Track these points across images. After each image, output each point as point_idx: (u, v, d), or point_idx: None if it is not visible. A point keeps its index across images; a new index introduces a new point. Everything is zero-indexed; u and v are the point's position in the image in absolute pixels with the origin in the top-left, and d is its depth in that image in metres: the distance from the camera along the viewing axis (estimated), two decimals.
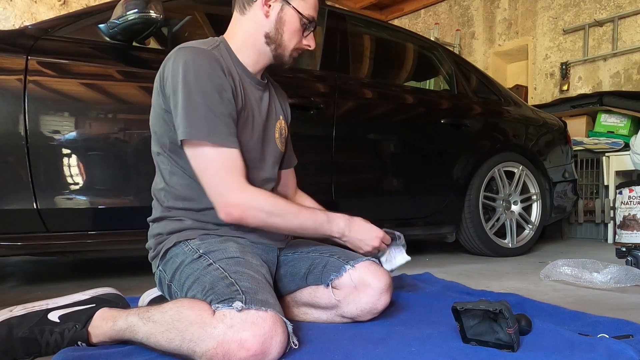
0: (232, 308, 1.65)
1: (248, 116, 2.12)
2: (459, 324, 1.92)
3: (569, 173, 5.62)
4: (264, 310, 1.67)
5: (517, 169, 5.03)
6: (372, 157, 4.15)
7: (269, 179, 2.27)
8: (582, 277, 3.36)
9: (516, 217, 5.03)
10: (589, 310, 2.54)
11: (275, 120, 2.31)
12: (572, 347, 1.84)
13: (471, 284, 3.28)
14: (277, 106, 2.36)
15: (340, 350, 1.84)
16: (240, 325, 1.61)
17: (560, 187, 5.48)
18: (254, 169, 2.15)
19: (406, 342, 1.93)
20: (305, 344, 1.91)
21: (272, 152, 2.27)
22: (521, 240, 5.07)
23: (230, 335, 1.60)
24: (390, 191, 4.25)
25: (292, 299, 2.30)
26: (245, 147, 2.08)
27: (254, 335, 1.60)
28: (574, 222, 6.79)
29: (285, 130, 2.39)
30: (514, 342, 1.81)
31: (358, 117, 4.04)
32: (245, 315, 1.64)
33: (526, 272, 3.92)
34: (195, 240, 2.05)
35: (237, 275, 1.83)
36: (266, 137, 2.23)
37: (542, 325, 2.08)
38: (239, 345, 1.59)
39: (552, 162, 5.39)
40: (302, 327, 2.14)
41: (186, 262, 1.99)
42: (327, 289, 2.19)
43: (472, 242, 4.79)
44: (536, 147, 5.23)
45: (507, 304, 1.83)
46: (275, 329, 1.65)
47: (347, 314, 2.19)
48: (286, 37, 2.16)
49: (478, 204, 4.70)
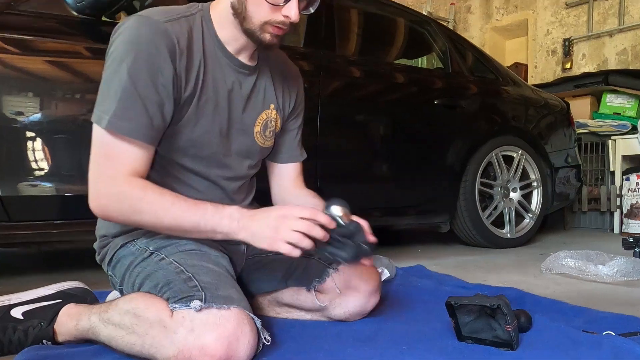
0: (190, 308, 1.61)
1: (205, 105, 1.94)
2: (454, 320, 1.91)
3: (572, 158, 5.64)
4: (227, 308, 1.62)
5: (516, 153, 5.03)
6: (360, 141, 4.15)
7: (236, 177, 2.12)
8: (587, 269, 3.37)
9: (515, 205, 5.03)
10: (594, 305, 2.55)
11: (261, 110, 2.12)
12: (576, 345, 1.84)
13: (467, 277, 3.28)
14: (269, 94, 2.14)
15: (324, 349, 1.83)
16: (201, 329, 1.57)
17: (562, 173, 5.49)
18: (211, 167, 2.02)
19: (397, 340, 1.93)
20: (285, 342, 1.90)
21: (243, 147, 2.10)
22: (521, 230, 5.08)
23: (191, 341, 1.56)
24: (379, 177, 4.25)
25: (273, 299, 2.26)
26: (197, 142, 1.94)
27: (217, 338, 1.56)
28: (577, 211, 6.81)
29: (275, 122, 2.19)
30: (512, 339, 1.81)
31: (345, 98, 4.04)
32: (206, 316, 1.59)
33: (526, 265, 3.94)
34: (143, 238, 1.98)
35: (195, 269, 1.78)
36: (235, 129, 2.05)
37: (543, 322, 2.07)
38: (201, 352, 1.55)
39: (554, 146, 5.40)
40: (283, 324, 2.13)
41: (136, 262, 1.93)
42: (310, 293, 2.15)
43: (467, 232, 4.79)
44: (537, 130, 5.24)
45: (506, 299, 1.82)
46: (242, 329, 1.61)
47: (335, 316, 2.17)
48: (250, 8, 1.85)
49: (474, 191, 4.70)
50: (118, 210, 1.77)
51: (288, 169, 2.34)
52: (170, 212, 1.74)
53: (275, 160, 2.33)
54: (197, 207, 1.76)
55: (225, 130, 2.01)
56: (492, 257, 4.33)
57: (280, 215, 1.71)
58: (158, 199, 1.74)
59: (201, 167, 1.99)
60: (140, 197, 1.74)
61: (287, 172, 2.34)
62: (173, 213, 1.74)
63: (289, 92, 2.26)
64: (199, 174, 2.00)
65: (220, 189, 2.08)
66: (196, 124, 1.93)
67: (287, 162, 2.34)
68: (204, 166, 2.00)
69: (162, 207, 1.74)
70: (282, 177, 2.34)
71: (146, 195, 1.74)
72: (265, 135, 2.16)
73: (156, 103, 1.79)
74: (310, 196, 2.25)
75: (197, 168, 1.99)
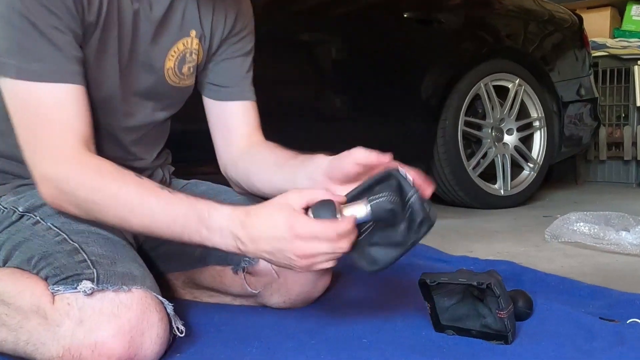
0: (77, 292, 1.57)
1: (107, 36, 1.85)
2: (430, 304, 1.90)
3: (585, 89, 5.68)
4: (127, 290, 1.60)
5: (513, 83, 5.05)
6: (304, 68, 4.15)
7: (137, 126, 2.07)
8: (605, 237, 3.40)
9: (511, 153, 5.08)
10: (615, 284, 2.57)
11: (176, 38, 2.03)
12: (591, 336, 1.84)
13: (447, 247, 3.31)
14: (190, 16, 2.05)
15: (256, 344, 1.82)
16: (93, 320, 1.54)
17: (573, 110, 5.54)
18: (106, 114, 1.95)
19: (355, 331, 1.92)
20: (206, 333, 1.90)
21: (147, 87, 2.04)
22: (518, 186, 5.14)
23: (80, 337, 1.52)
24: (329, 117, 4.26)
25: (189, 279, 2.25)
26: (92, 81, 1.85)
27: (116, 333, 1.53)
28: (593, 160, 6.89)
29: (197, 53, 2.10)
30: (507, 330, 1.80)
31: (283, 10, 4.02)
32: (100, 302, 1.56)
33: (525, 231, 3.99)
34: (8, 195, 1.93)
35: (82, 237, 1.74)
36: (139, 64, 1.98)
37: (548, 306, 2.09)
38: (95, 352, 1.52)
39: (563, 73, 5.44)
40: (204, 310, 2.13)
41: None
42: (237, 276, 2.13)
43: (447, 188, 4.84)
44: (539, 53, 5.28)
45: (498, 276, 1.82)
46: (147, 319, 1.59)
47: (272, 304, 2.17)
48: None
49: (457, 134, 4.73)
50: (73, 203, 1.69)
51: (237, 113, 2.21)
52: (138, 216, 1.66)
53: (217, 97, 2.22)
54: (174, 209, 1.65)
55: (125, 66, 1.94)
56: (481, 221, 4.38)
57: (287, 238, 1.57)
58: (121, 190, 1.66)
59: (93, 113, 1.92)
60: (97, 187, 1.66)
61: (237, 119, 2.21)
62: (141, 216, 1.66)
63: (223, 12, 2.15)
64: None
65: (114, 141, 2.01)
66: (96, 59, 1.85)
67: (234, 100, 2.21)
68: (96, 112, 1.88)
69: (126, 205, 1.66)
70: (231, 127, 2.21)
71: (104, 183, 1.66)
72: (181, 73, 2.08)
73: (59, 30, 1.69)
74: (282, 151, 2.11)
75: None
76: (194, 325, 1.93)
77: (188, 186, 2.34)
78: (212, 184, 2.35)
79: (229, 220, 1.61)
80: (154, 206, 1.64)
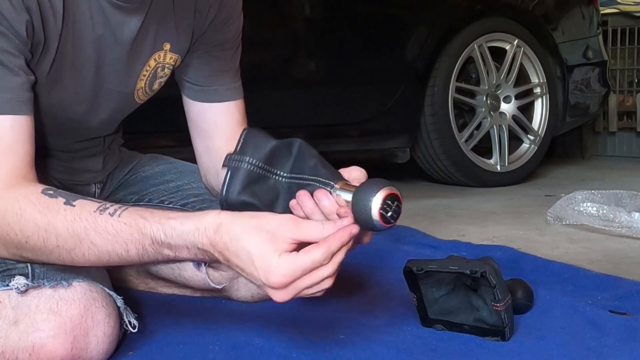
0: (10, 289, 1.55)
1: (61, 65, 1.81)
2: (416, 295, 1.91)
3: (593, 51, 5.69)
4: (67, 285, 1.58)
5: (510, 44, 5.06)
6: (275, 27, 4.15)
7: (91, 139, 2.11)
8: (616, 219, 3.41)
9: (508, 123, 5.09)
10: (627, 273, 2.59)
11: (149, 54, 2.00)
12: (599, 332, 1.85)
13: (436, 230, 3.33)
14: (165, 31, 1.99)
15: (219, 340, 1.82)
16: (29, 320, 1.53)
17: (579, 74, 5.55)
18: (52, 136, 1.95)
19: (330, 325, 1.94)
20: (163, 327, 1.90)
21: (110, 110, 2.03)
22: (517, 161, 5.16)
23: (15, 339, 1.52)
24: (304, 81, 4.27)
25: (143, 269, 2.24)
26: (49, 110, 1.85)
27: (56, 333, 1.52)
28: (602, 131, 6.91)
29: (170, 67, 2.08)
30: (505, 324, 1.81)
31: None
32: (37, 300, 1.55)
33: (525, 212, 4.00)
34: None
35: None
36: (103, 92, 1.95)
37: (550, 298, 2.10)
38: (33, 355, 1.52)
39: (567, 33, 5.44)
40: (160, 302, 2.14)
41: None
42: (199, 271, 2.11)
43: (436, 164, 4.85)
44: (540, 9, 5.28)
45: (495, 264, 1.82)
46: (92, 316, 1.58)
47: (238, 297, 2.17)
48: None
49: (447, 102, 4.74)
50: (4, 240, 1.58)
51: (221, 115, 2.16)
52: (79, 255, 1.56)
53: (197, 98, 2.16)
54: (121, 239, 1.55)
55: (88, 94, 1.91)
56: (474, 201, 4.40)
57: (262, 282, 1.48)
58: (64, 223, 1.54)
59: (43, 137, 1.87)
60: (34, 219, 1.55)
61: (220, 121, 2.16)
62: (84, 255, 1.56)
63: (207, 5, 2.06)
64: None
65: (52, 157, 2.02)
66: (49, 87, 1.81)
67: (217, 102, 2.15)
68: (47, 137, 1.90)
69: (73, 236, 1.54)
70: (212, 132, 2.15)
71: (50, 217, 1.55)
72: (151, 90, 2.08)
73: (8, 52, 1.63)
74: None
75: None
76: (149, 320, 1.93)
77: (144, 161, 2.33)
78: (172, 161, 2.34)
79: (194, 237, 1.52)
80: (97, 242, 1.54)
